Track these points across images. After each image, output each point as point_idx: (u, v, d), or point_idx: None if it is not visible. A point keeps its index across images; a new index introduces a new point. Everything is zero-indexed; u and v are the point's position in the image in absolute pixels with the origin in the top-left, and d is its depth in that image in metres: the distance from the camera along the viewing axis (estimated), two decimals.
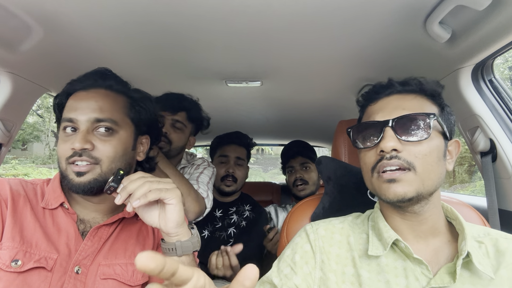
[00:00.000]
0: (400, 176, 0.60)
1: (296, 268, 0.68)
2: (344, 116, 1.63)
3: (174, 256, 0.72)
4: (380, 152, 0.62)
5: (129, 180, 0.68)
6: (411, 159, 0.60)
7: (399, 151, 0.61)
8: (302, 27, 0.93)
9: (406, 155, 0.61)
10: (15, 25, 0.90)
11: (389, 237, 0.64)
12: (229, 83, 1.44)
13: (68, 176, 0.74)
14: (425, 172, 0.60)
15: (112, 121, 0.77)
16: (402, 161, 0.60)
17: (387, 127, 0.62)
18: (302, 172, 1.77)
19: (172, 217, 0.69)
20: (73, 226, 0.76)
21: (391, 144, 0.61)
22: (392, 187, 0.61)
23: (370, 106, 0.70)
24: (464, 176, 7.42)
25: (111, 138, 0.77)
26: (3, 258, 0.67)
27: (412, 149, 0.61)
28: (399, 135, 0.62)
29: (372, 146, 0.65)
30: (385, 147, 0.61)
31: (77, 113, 0.75)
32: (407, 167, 0.60)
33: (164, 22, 0.92)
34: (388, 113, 0.65)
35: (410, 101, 0.65)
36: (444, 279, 0.59)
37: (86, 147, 0.73)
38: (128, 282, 0.76)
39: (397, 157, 0.61)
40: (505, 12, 0.74)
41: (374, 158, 0.64)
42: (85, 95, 0.78)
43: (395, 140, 0.61)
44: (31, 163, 12.34)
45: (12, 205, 0.72)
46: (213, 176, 1.40)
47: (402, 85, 0.67)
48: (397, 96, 0.67)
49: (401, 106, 0.64)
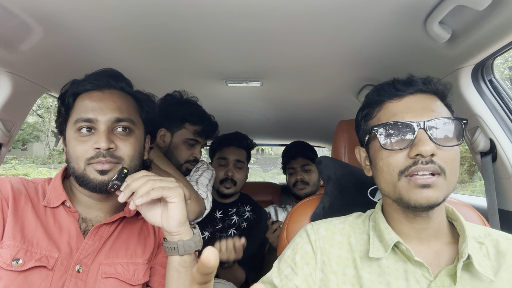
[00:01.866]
0: (434, 182, 0.58)
1: (296, 269, 0.68)
2: (344, 116, 1.63)
3: (176, 255, 0.72)
4: (415, 155, 0.59)
5: (133, 178, 0.69)
6: (443, 164, 0.59)
7: (435, 155, 0.59)
8: (302, 27, 0.93)
9: (439, 159, 0.59)
10: (15, 25, 0.90)
11: (390, 239, 0.63)
12: (229, 83, 1.44)
13: (88, 176, 0.74)
14: (452, 177, 0.60)
15: (130, 120, 0.79)
16: (437, 166, 0.58)
17: (421, 129, 0.59)
18: (302, 173, 1.78)
19: (174, 215, 0.69)
20: (74, 225, 0.77)
21: (429, 148, 0.58)
22: (425, 192, 0.58)
23: (391, 103, 0.65)
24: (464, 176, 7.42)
25: (130, 138, 0.79)
26: (4, 257, 0.67)
27: (443, 154, 0.59)
28: (434, 138, 0.59)
29: (402, 148, 0.61)
30: (425, 151, 0.58)
31: (96, 113, 0.75)
32: (439, 173, 0.59)
33: (164, 22, 0.91)
34: (419, 113, 0.61)
35: (435, 103, 0.63)
36: (444, 282, 0.59)
37: (112, 146, 0.74)
38: (129, 281, 0.76)
39: (433, 161, 0.58)
40: (505, 12, 0.74)
41: (404, 160, 0.60)
42: (101, 95, 0.78)
43: (432, 144, 0.58)
44: (31, 163, 12.35)
45: (13, 204, 0.72)
46: (213, 178, 1.40)
47: (424, 83, 0.64)
48: (421, 95, 0.64)
49: (429, 107, 0.62)
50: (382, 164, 0.64)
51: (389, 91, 0.66)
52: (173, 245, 0.71)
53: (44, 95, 1.35)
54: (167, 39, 1.03)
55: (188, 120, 1.29)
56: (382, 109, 0.67)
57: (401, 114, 0.63)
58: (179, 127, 1.29)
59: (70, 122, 0.77)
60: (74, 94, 0.79)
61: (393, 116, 0.64)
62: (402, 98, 0.64)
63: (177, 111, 1.28)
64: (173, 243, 0.71)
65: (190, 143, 1.30)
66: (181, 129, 1.29)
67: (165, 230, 0.71)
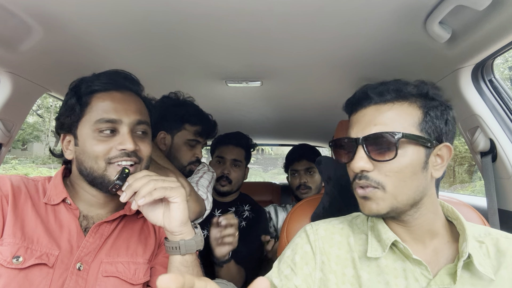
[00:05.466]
0: (370, 194, 0.61)
1: (296, 269, 0.68)
2: (344, 116, 1.61)
3: (177, 254, 0.72)
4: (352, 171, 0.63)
5: (134, 178, 0.69)
6: (381, 178, 0.60)
7: (368, 170, 0.61)
8: (302, 27, 0.93)
9: (376, 174, 0.60)
10: (15, 25, 0.90)
11: (388, 239, 0.64)
12: (229, 83, 1.44)
13: (109, 176, 0.74)
14: (397, 189, 0.60)
15: (147, 123, 0.82)
16: (371, 181, 0.60)
17: (359, 145, 0.61)
18: (306, 177, 1.78)
19: (176, 215, 0.70)
20: (75, 222, 0.76)
21: (359, 165, 0.60)
22: (367, 204, 0.62)
23: (351, 116, 0.68)
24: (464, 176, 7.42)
25: (147, 139, 0.82)
26: (4, 254, 0.67)
27: (382, 167, 0.60)
28: (370, 153, 0.60)
29: (347, 162, 0.65)
30: (354, 168, 0.61)
31: (120, 114, 0.76)
32: (376, 187, 0.60)
33: (164, 22, 0.92)
34: (361, 129, 0.62)
35: (384, 114, 0.61)
36: (444, 280, 0.59)
37: (137, 148, 0.76)
38: (130, 280, 0.77)
39: (366, 177, 0.61)
40: (505, 12, 0.74)
41: (352, 173, 0.65)
42: (121, 96, 0.79)
43: (365, 160, 0.60)
44: (31, 163, 12.35)
45: (13, 201, 0.72)
46: (213, 180, 1.40)
47: (379, 95, 0.63)
48: (373, 107, 0.63)
49: (373, 121, 0.61)
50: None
51: (349, 106, 0.69)
52: (174, 244, 0.71)
53: (44, 95, 1.35)
54: (167, 39, 1.03)
55: (188, 121, 1.29)
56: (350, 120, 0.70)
57: (350, 129, 0.66)
58: (179, 129, 1.29)
59: (87, 121, 0.76)
60: (91, 92, 0.78)
61: (347, 129, 0.68)
62: (356, 112, 0.66)
63: (176, 113, 1.28)
64: (175, 243, 0.71)
65: (191, 144, 1.31)
66: (181, 131, 1.29)
67: (167, 229, 0.72)
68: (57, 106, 14.14)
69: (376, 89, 0.63)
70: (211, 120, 1.38)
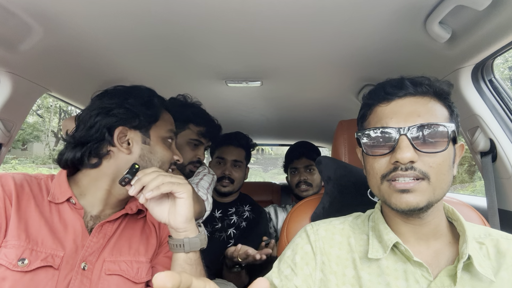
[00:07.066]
0: (414, 187, 0.58)
1: (296, 269, 0.68)
2: (344, 116, 1.63)
3: (181, 252, 0.73)
4: (395, 162, 0.59)
5: (144, 173, 0.71)
6: (426, 169, 0.58)
7: (414, 161, 0.58)
8: (302, 27, 0.93)
9: (421, 165, 0.58)
10: (15, 25, 0.90)
11: (389, 240, 0.63)
12: (229, 83, 1.44)
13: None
14: (438, 182, 0.59)
15: None
16: (418, 172, 0.58)
17: (403, 135, 0.59)
18: (306, 174, 1.77)
19: (182, 211, 0.71)
20: (79, 222, 0.76)
21: (408, 155, 0.57)
22: (405, 197, 0.59)
23: (380, 107, 0.65)
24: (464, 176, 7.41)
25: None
26: (9, 257, 0.66)
27: (427, 160, 0.59)
28: (415, 144, 0.58)
29: (384, 154, 0.61)
30: (402, 159, 0.58)
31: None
32: (421, 177, 0.58)
33: (164, 22, 0.91)
34: (403, 119, 0.61)
35: (424, 106, 0.61)
36: (444, 282, 0.59)
37: None
38: (133, 278, 0.77)
39: (413, 168, 0.58)
40: (505, 12, 0.74)
41: (386, 166, 0.61)
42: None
43: (412, 151, 0.58)
44: (31, 163, 12.35)
45: (17, 202, 0.71)
46: (213, 183, 1.41)
47: (415, 86, 0.63)
48: (410, 99, 0.63)
49: (416, 111, 0.61)
50: (369, 167, 0.65)
51: (379, 95, 0.66)
52: (179, 242, 0.72)
53: (44, 95, 1.35)
54: (167, 39, 1.03)
55: (192, 121, 1.29)
56: (372, 112, 0.67)
57: (386, 119, 0.63)
58: (183, 128, 1.29)
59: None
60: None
61: (379, 121, 0.64)
62: (390, 102, 0.64)
63: (182, 113, 1.28)
64: (179, 240, 0.72)
65: (194, 144, 1.30)
66: (185, 130, 1.29)
67: (172, 226, 0.72)
68: (57, 106, 14.14)
69: (413, 80, 0.64)
70: (216, 123, 1.39)
